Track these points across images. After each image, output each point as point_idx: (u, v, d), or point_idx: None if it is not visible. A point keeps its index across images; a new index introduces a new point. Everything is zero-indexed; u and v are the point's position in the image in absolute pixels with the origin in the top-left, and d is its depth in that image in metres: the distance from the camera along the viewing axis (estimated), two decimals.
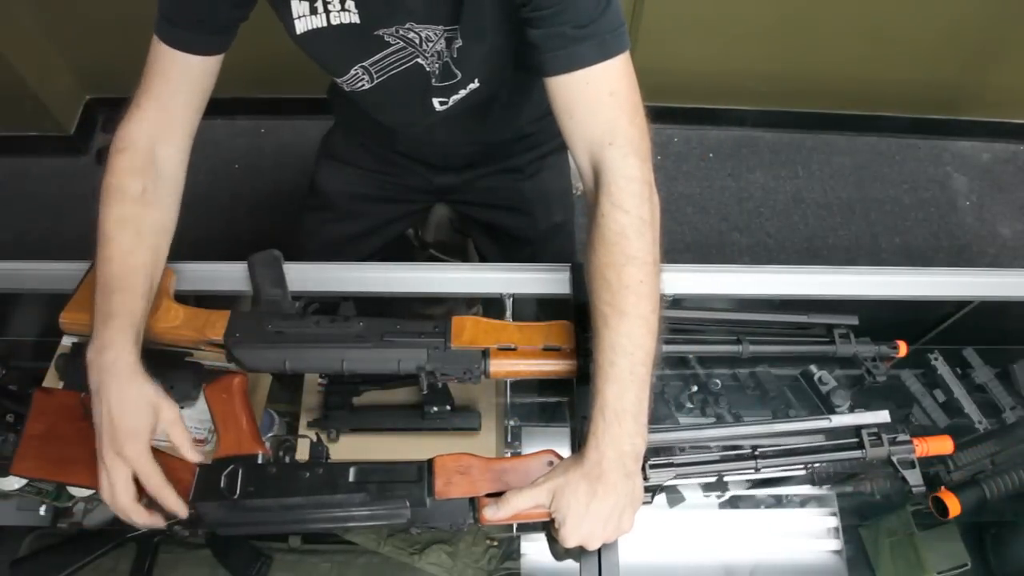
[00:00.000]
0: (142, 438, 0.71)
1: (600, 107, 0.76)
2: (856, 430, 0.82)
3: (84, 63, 2.19)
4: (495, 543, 0.99)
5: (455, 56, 0.88)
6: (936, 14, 2.02)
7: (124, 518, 0.72)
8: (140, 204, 0.80)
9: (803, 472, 0.84)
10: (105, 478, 0.71)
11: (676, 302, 0.97)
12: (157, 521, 0.73)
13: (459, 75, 0.92)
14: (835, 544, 1.02)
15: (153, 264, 0.80)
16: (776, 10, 2.03)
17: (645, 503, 0.75)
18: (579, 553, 0.75)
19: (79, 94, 2.29)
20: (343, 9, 0.82)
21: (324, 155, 1.26)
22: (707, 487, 1.02)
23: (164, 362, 0.86)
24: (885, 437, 0.82)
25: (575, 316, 0.84)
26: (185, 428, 0.75)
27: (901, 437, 0.82)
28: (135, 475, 0.71)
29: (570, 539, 0.72)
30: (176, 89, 0.82)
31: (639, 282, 0.72)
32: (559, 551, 0.76)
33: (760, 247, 2.22)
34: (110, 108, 2.31)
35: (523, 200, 1.23)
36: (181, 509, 0.72)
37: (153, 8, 0.79)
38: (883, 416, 0.82)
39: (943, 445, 0.83)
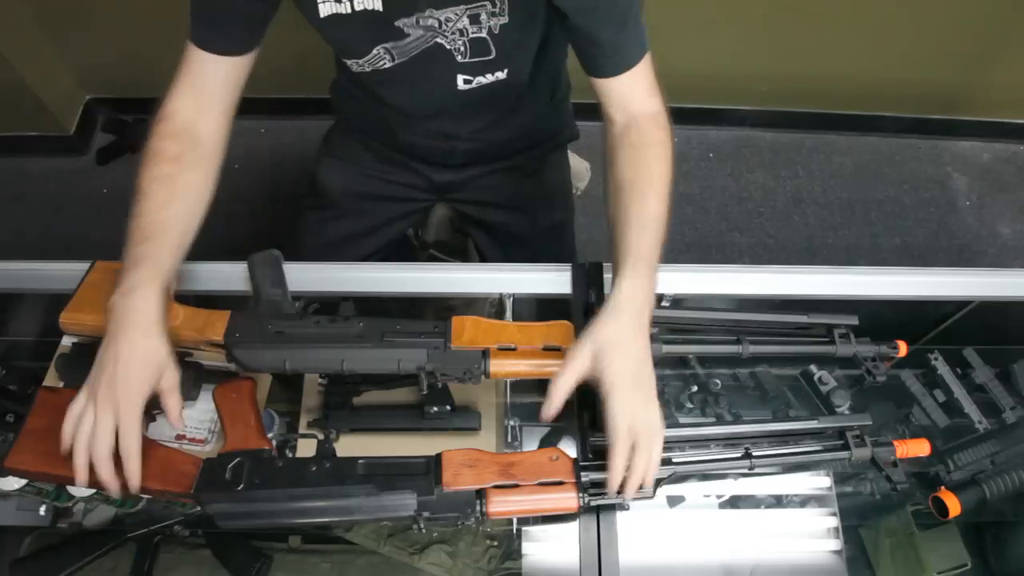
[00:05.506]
0: (141, 396, 0.70)
1: (636, 95, 0.86)
2: (840, 432, 0.86)
3: (84, 63, 2.18)
4: (495, 543, 0.99)
5: (495, 32, 0.88)
6: (936, 14, 2.02)
7: (92, 461, 0.69)
8: (175, 164, 0.82)
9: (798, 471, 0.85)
10: (90, 420, 0.69)
11: (676, 302, 0.97)
12: (112, 484, 0.70)
13: (494, 53, 0.91)
14: (835, 544, 1.02)
15: (186, 221, 0.82)
16: (776, 10, 2.03)
17: (647, 498, 0.76)
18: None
19: (79, 94, 2.28)
20: None
21: (325, 153, 1.26)
22: (704, 479, 1.03)
23: None
24: (868, 439, 0.86)
25: (575, 316, 0.84)
26: (180, 396, 0.74)
27: (882, 439, 0.87)
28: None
29: (619, 402, 0.72)
30: (210, 80, 0.85)
31: (656, 156, 0.83)
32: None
33: (760, 247, 2.22)
34: (110, 108, 2.30)
35: (523, 199, 1.23)
36: (134, 480, 0.70)
37: (151, 9, 0.80)
38: (865, 419, 0.87)
39: (920, 447, 0.88)
